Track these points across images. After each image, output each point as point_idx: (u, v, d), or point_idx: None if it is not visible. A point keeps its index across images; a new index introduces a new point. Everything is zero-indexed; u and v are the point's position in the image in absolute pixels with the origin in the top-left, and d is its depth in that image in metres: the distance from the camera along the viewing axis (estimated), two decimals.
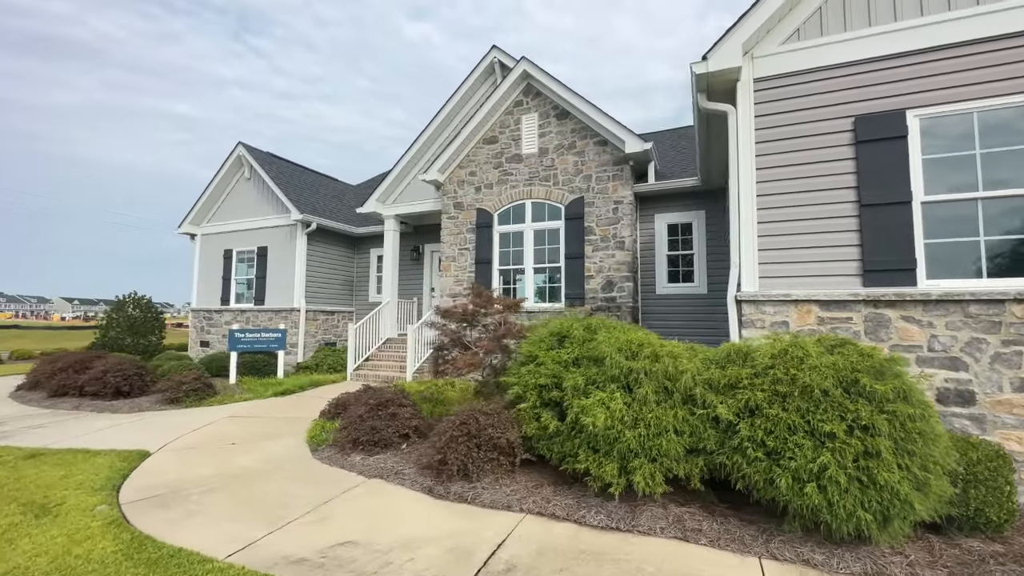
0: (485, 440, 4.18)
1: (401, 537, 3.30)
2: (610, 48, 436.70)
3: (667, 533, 3.27)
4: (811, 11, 4.55)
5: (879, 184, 4.21)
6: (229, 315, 12.74)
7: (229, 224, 13.02)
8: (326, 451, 5.27)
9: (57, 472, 4.64)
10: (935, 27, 4.14)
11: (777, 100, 4.63)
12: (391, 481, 4.38)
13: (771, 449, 3.08)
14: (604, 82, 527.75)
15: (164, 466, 4.88)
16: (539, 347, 4.48)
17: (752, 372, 3.35)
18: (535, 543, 3.20)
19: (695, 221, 8.88)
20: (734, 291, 4.63)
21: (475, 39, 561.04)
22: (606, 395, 3.64)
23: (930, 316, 3.98)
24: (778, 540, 3.08)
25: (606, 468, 3.52)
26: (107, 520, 3.56)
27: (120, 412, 7.63)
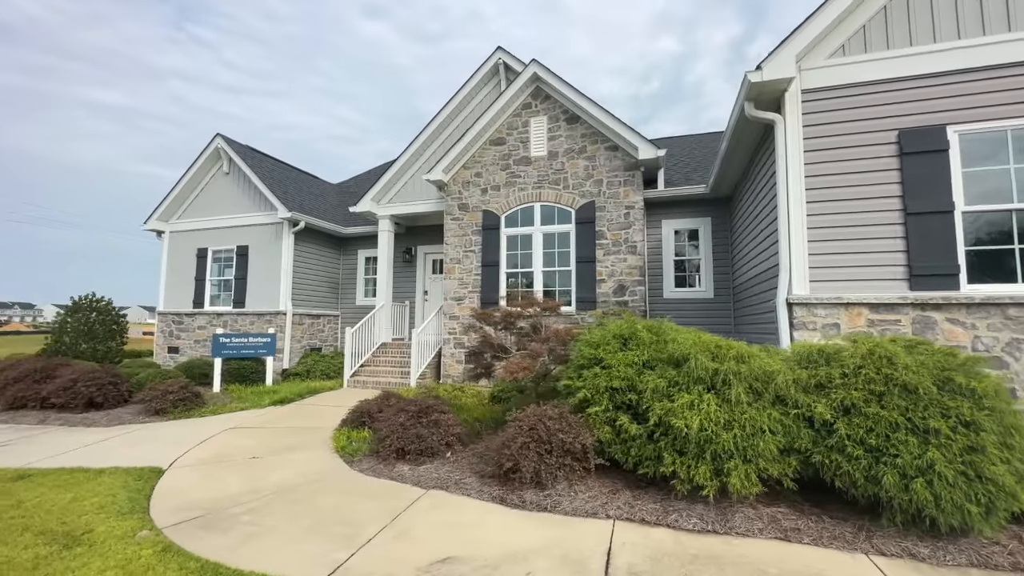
0: (556, 445, 4.05)
1: (501, 550, 3.12)
2: (562, 60, 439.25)
3: (766, 534, 3.28)
4: (856, 28, 4.79)
5: (923, 194, 4.47)
6: (203, 319, 11.83)
7: (204, 221, 12.12)
8: (364, 462, 4.95)
9: (62, 495, 4.08)
10: (971, 50, 4.47)
11: (824, 112, 4.83)
12: (453, 491, 4.15)
13: (872, 447, 3.16)
14: None
15: (187, 484, 4.41)
16: (603, 350, 4.41)
17: (842, 372, 3.43)
18: (643, 550, 3.11)
19: (701, 227, 9.14)
20: (784, 295, 4.76)
21: (431, 42, 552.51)
22: (694, 397, 3.62)
23: (973, 318, 4.25)
24: (878, 536, 3.15)
25: (698, 470, 3.49)
26: (157, 547, 3.15)
27: (98, 425, 6.88)
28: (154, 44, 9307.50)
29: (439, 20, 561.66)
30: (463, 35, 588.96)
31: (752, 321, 6.53)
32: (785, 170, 4.85)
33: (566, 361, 5.37)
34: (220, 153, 11.94)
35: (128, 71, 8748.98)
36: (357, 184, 15.74)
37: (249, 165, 11.44)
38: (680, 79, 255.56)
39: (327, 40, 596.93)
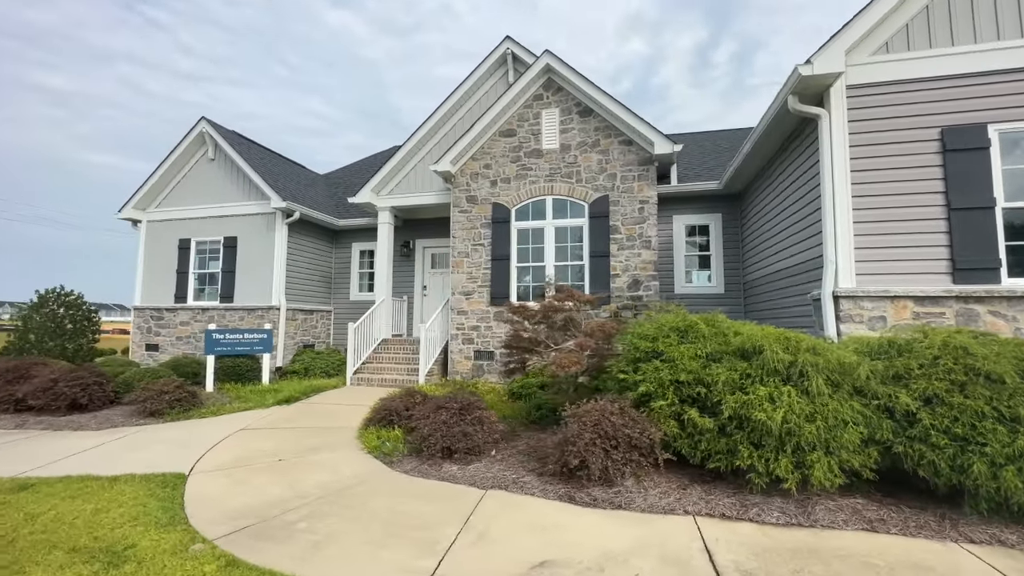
0: (623, 441, 3.94)
1: (595, 552, 2.97)
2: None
3: (852, 525, 3.26)
4: (899, 27, 4.87)
5: (965, 190, 4.60)
6: (186, 314, 11.11)
7: (186, 210, 11.37)
8: (405, 463, 4.70)
9: (81, 506, 3.67)
10: (1010, 51, 4.61)
11: (868, 108, 4.90)
12: (514, 491, 3.98)
13: (958, 436, 3.19)
14: None
15: (220, 491, 4.05)
16: (661, 343, 4.32)
17: (919, 363, 3.46)
18: (738, 546, 3.03)
19: (712, 223, 9.23)
20: (831, 288, 4.81)
21: (402, 35, 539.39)
22: (771, 389, 3.58)
23: (1014, 311, 4.40)
24: (962, 524, 3.19)
25: (779, 463, 3.45)
26: (220, 561, 2.84)
27: (87, 429, 6.32)
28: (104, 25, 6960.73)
29: (410, 13, 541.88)
30: (436, 28, 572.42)
31: (775, 315, 6.61)
32: (830, 165, 4.89)
33: (603, 356, 5.27)
34: (205, 138, 11.22)
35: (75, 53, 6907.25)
36: (346, 175, 15.18)
37: (238, 152, 10.79)
38: (647, 81, 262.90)
39: (292, 29, 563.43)
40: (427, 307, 11.89)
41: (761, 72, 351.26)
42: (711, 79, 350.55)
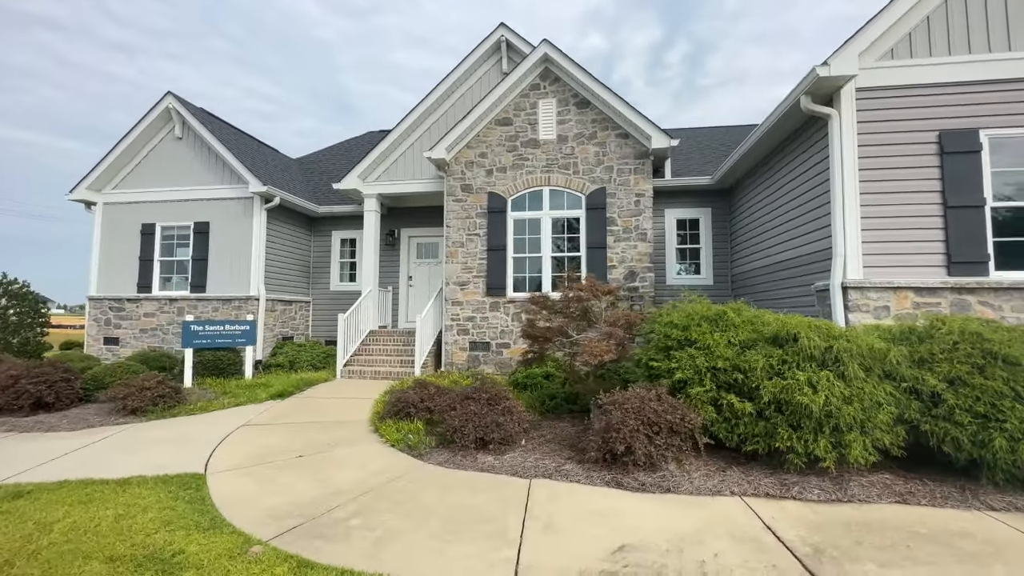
0: (664, 427, 4.03)
1: (666, 534, 3.04)
2: None
3: (885, 499, 3.51)
4: (903, 34, 5.19)
5: (959, 190, 4.99)
6: (152, 304, 10.30)
7: (150, 192, 10.50)
8: (435, 455, 4.60)
9: (99, 512, 3.36)
10: (999, 63, 5.02)
11: (875, 110, 5.20)
12: (558, 479, 3.99)
13: (979, 414, 3.49)
14: None
15: (249, 490, 3.82)
16: (694, 331, 4.44)
17: (941, 349, 3.74)
18: (794, 521, 3.19)
19: (702, 217, 9.54)
20: (839, 279, 5.10)
21: (358, 17, 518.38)
22: (810, 374, 3.76)
23: (999, 301, 4.84)
24: (981, 494, 3.50)
25: (818, 444, 3.64)
26: (290, 563, 2.69)
27: (60, 430, 5.77)
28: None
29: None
30: (394, 11, 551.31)
31: (770, 306, 6.93)
32: (840, 164, 5.17)
33: (624, 346, 5.35)
34: (171, 114, 10.37)
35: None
36: (320, 160, 14.53)
37: (211, 131, 10.07)
38: (607, 76, 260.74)
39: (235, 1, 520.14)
40: (413, 298, 11.64)
41: (712, 73, 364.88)
42: (665, 79, 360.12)
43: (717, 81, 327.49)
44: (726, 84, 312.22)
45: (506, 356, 8.99)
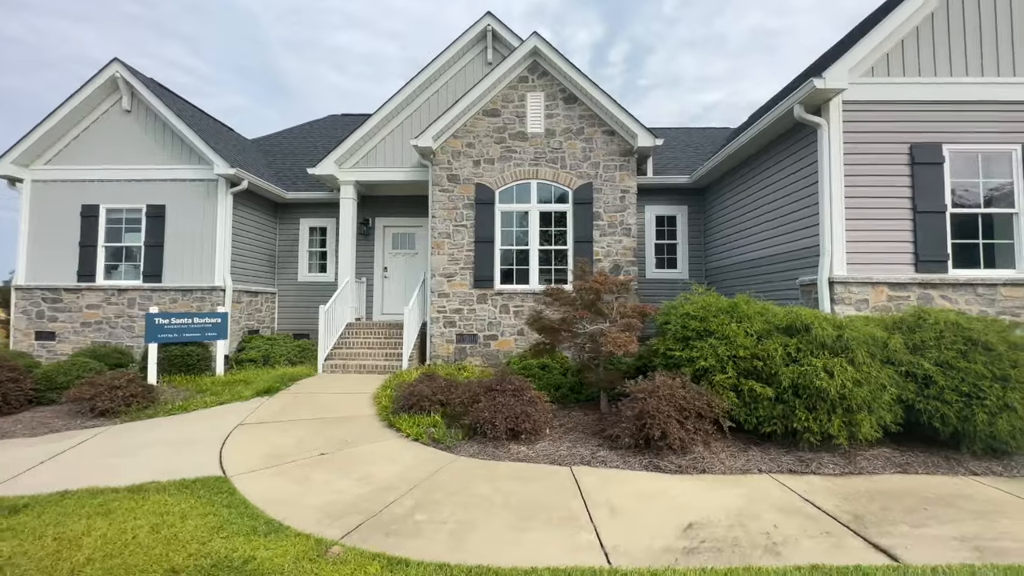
0: (692, 412, 4.28)
1: (721, 510, 3.26)
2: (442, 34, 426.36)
3: (888, 470, 3.96)
4: (882, 54, 5.76)
5: (926, 196, 5.65)
6: (95, 295, 9.27)
7: (92, 170, 9.40)
8: (463, 447, 4.59)
9: (128, 523, 3.07)
10: (959, 86, 5.71)
11: (858, 122, 5.74)
12: (597, 465, 4.13)
13: (964, 393, 4.02)
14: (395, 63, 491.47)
15: (284, 490, 3.64)
16: (712, 322, 4.74)
17: (931, 336, 4.26)
18: (826, 493, 3.53)
19: (679, 214, 10.03)
20: (827, 274, 5.62)
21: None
22: (824, 361, 4.15)
23: (956, 295, 5.55)
24: (963, 463, 4.04)
25: (832, 423, 4.04)
26: (380, 561, 2.62)
27: (17, 436, 5.15)
28: None
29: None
30: None
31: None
32: (828, 169, 5.67)
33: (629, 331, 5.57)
34: (118, 84, 9.31)
35: None
36: (278, 143, 13.66)
37: (167, 105, 9.17)
38: None
39: None
40: (388, 290, 11.32)
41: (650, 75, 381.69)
42: (608, 76, 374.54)
43: (654, 82, 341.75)
44: (662, 86, 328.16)
45: (493, 348, 9.02)
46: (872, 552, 2.77)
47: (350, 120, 15.30)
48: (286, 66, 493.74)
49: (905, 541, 2.88)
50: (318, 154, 12.91)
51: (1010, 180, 5.74)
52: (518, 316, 9.00)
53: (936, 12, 5.81)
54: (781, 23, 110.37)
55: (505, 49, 10.17)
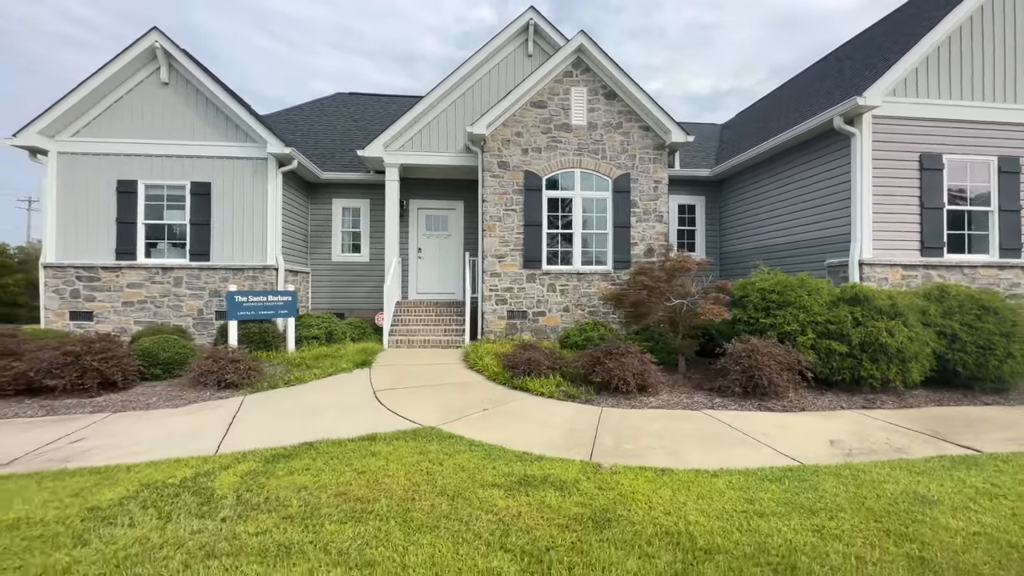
0: (784, 366, 5.40)
1: (842, 433, 4.36)
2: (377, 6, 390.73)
3: (929, 404, 5.29)
4: (902, 80, 7.07)
5: (930, 196, 7.09)
6: (138, 274, 9.05)
7: (128, 143, 9.05)
8: (598, 399, 5.44)
9: (398, 460, 3.68)
10: (955, 107, 7.16)
11: (883, 133, 7.05)
12: (719, 409, 5.12)
13: (980, 346, 5.41)
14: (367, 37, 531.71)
15: (492, 434, 4.33)
16: (790, 294, 5.87)
17: (956, 305, 5.62)
18: (901, 419, 4.74)
19: (698, 204, 11.23)
20: (857, 257, 6.95)
21: None
22: (885, 324, 5.39)
23: (948, 274, 7.09)
24: (977, 398, 5.45)
25: (890, 371, 5.30)
26: (646, 473, 3.45)
27: (159, 407, 5.37)
28: None
29: None
30: None
31: None
32: (860, 171, 6.95)
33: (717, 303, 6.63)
34: (157, 55, 8.97)
35: None
36: (290, 120, 13.42)
37: (214, 79, 8.99)
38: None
39: None
40: (423, 271, 11.75)
41: None
42: None
43: None
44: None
45: (541, 324, 9.84)
46: (959, 448, 3.98)
47: (361, 99, 15.21)
48: (203, 23, 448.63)
49: (973, 442, 4.11)
50: (341, 134, 12.92)
51: (988, 184, 7.33)
52: (563, 294, 9.86)
53: (941, 47, 7.21)
54: (714, 17, 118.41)
55: (544, 42, 10.77)
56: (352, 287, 11.54)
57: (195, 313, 9.14)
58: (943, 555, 2.45)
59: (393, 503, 3.01)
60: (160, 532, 2.70)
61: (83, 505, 3.01)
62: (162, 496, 3.12)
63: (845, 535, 2.64)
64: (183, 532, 2.69)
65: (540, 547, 2.53)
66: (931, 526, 2.72)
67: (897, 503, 2.98)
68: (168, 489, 3.21)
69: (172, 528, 2.73)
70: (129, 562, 2.43)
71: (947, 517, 2.81)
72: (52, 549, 2.54)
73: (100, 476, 3.44)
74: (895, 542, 2.57)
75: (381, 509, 2.93)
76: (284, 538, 2.62)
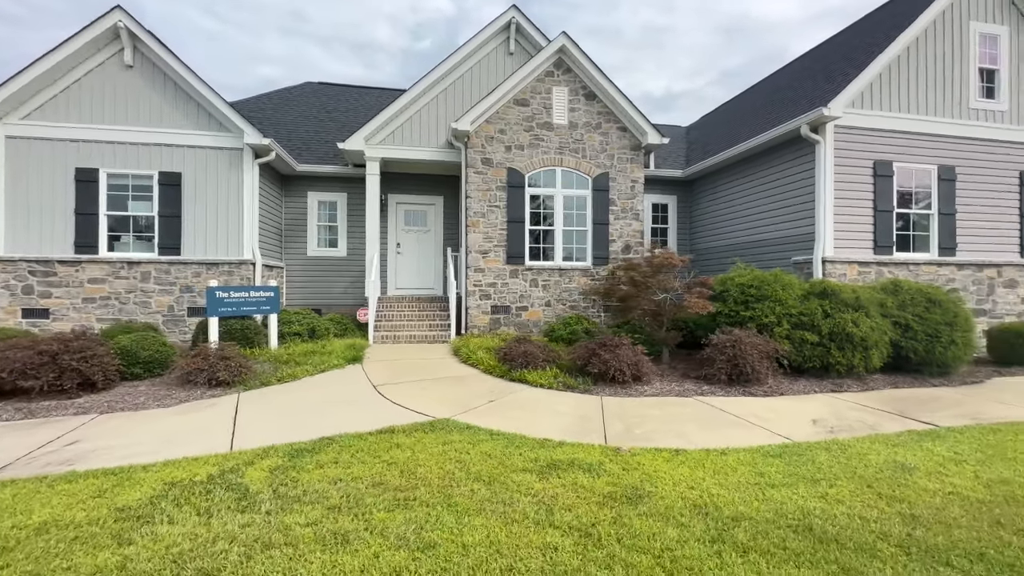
0: (765, 355, 5.86)
1: (821, 413, 4.83)
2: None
3: (887, 387, 5.90)
4: (859, 93, 7.75)
5: (882, 199, 7.83)
6: (100, 268, 8.50)
7: (87, 129, 8.45)
8: (596, 389, 5.70)
9: (429, 449, 3.79)
10: (900, 119, 7.93)
11: (843, 141, 7.70)
12: (708, 395, 5.51)
13: (928, 334, 6.09)
14: (316, 20, 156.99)
15: (506, 424, 4.50)
16: (767, 289, 6.36)
17: (908, 299, 6.29)
18: (867, 400, 5.29)
19: (670, 203, 11.75)
20: (821, 254, 7.59)
21: None
22: (851, 315, 5.96)
23: (896, 270, 7.87)
24: (926, 381, 6.14)
25: (855, 356, 5.89)
26: (662, 454, 3.72)
27: (148, 407, 5.18)
28: None
29: None
30: None
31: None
32: (823, 175, 7.58)
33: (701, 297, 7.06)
34: (120, 35, 8.42)
35: None
36: (259, 108, 12.91)
37: (185, 65, 8.55)
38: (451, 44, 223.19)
39: None
40: (401, 266, 11.68)
41: None
42: None
43: None
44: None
45: (524, 318, 10.04)
46: (920, 424, 4.52)
47: (332, 90, 14.81)
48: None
49: (931, 418, 4.68)
50: (314, 124, 12.55)
51: (930, 189, 8.17)
52: (545, 289, 10.10)
53: (891, 65, 7.96)
54: (668, 20, 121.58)
55: (525, 41, 10.93)
56: (329, 283, 11.31)
57: (165, 310, 8.70)
58: (928, 512, 2.85)
59: (433, 490, 3.12)
60: (206, 527, 2.69)
61: (111, 506, 2.93)
62: (193, 493, 3.08)
63: (846, 500, 3.00)
64: (231, 526, 2.69)
65: (585, 523, 2.73)
66: (913, 489, 3.14)
67: (882, 471, 3.39)
68: (197, 486, 3.17)
69: (217, 523, 2.73)
70: (185, 557, 2.42)
71: (925, 481, 3.25)
72: (95, 549, 2.49)
73: (117, 477, 3.34)
74: (887, 503, 2.96)
75: (423, 496, 3.04)
76: (337, 527, 2.68)
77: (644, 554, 2.43)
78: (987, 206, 8.50)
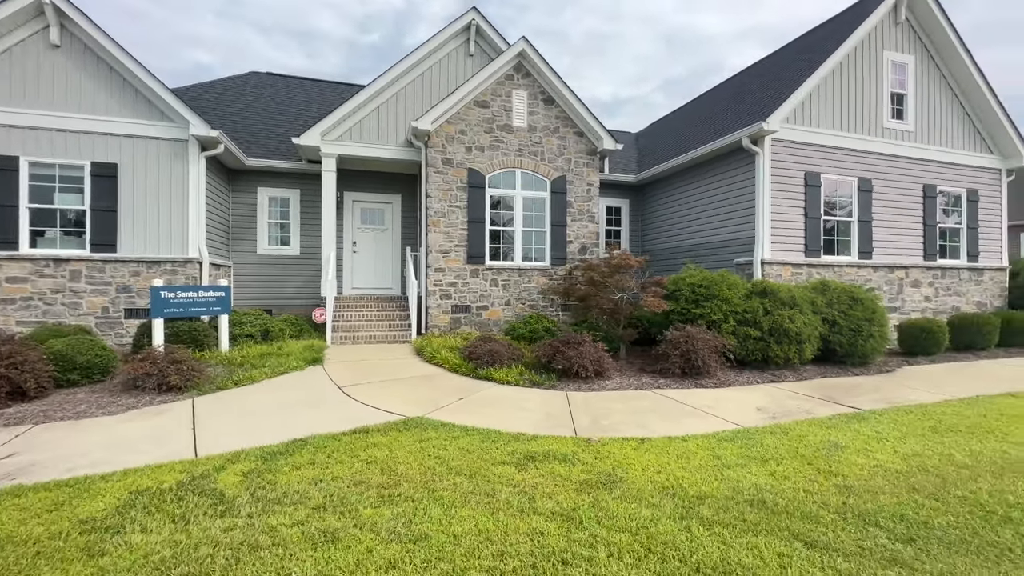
0: (714, 350, 6.34)
1: (763, 402, 5.32)
2: None
3: (817, 376, 6.56)
4: (793, 109, 8.50)
5: (812, 207, 8.64)
6: (21, 267, 7.72)
7: (6, 113, 7.66)
8: (561, 385, 5.94)
9: (406, 447, 3.85)
10: (829, 136, 8.79)
11: (779, 153, 8.42)
12: (664, 388, 5.90)
13: (852, 329, 6.82)
14: (252, 7, 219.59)
15: (480, 420, 4.63)
16: (715, 288, 6.87)
17: (835, 297, 7.00)
18: (803, 388, 5.87)
19: (623, 206, 12.26)
20: (760, 256, 8.25)
21: None
22: (788, 312, 6.56)
23: (823, 272, 8.70)
24: (848, 370, 6.87)
25: (790, 351, 6.50)
26: (630, 442, 3.99)
27: (93, 415, 4.88)
28: None
29: None
30: None
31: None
32: (762, 184, 8.26)
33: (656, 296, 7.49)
34: (44, 10, 7.70)
35: None
36: (202, 97, 12.19)
37: (120, 47, 7.95)
38: (400, 40, 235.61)
39: None
40: (358, 265, 11.44)
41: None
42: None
43: None
44: None
45: (484, 318, 10.16)
46: (847, 408, 5.09)
47: (280, 81, 14.21)
48: None
49: (855, 403, 5.28)
50: (263, 117, 12.01)
51: (851, 199, 9.11)
52: (505, 288, 10.27)
53: (820, 86, 8.80)
54: (614, 28, 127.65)
55: (485, 43, 11.03)
56: (281, 282, 10.89)
57: (99, 311, 8.06)
58: (859, 482, 3.28)
59: (416, 486, 3.19)
60: (184, 534, 2.63)
61: (72, 518, 2.79)
62: (164, 500, 2.98)
63: (791, 476, 3.37)
64: (212, 531, 2.65)
65: (566, 508, 2.91)
66: (846, 464, 3.57)
67: (819, 450, 3.83)
68: (167, 493, 3.06)
69: (196, 529, 2.67)
70: (167, 564, 2.37)
71: (854, 457, 3.70)
72: (64, 563, 2.38)
73: (72, 488, 3.15)
74: (825, 477, 3.36)
75: (407, 492, 3.11)
76: (324, 526, 2.71)
77: (623, 533, 2.64)
78: (897, 214, 9.58)
